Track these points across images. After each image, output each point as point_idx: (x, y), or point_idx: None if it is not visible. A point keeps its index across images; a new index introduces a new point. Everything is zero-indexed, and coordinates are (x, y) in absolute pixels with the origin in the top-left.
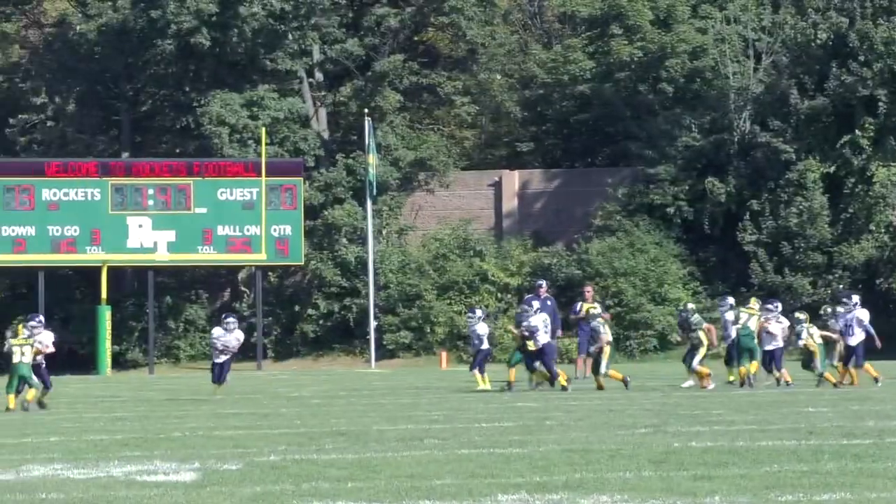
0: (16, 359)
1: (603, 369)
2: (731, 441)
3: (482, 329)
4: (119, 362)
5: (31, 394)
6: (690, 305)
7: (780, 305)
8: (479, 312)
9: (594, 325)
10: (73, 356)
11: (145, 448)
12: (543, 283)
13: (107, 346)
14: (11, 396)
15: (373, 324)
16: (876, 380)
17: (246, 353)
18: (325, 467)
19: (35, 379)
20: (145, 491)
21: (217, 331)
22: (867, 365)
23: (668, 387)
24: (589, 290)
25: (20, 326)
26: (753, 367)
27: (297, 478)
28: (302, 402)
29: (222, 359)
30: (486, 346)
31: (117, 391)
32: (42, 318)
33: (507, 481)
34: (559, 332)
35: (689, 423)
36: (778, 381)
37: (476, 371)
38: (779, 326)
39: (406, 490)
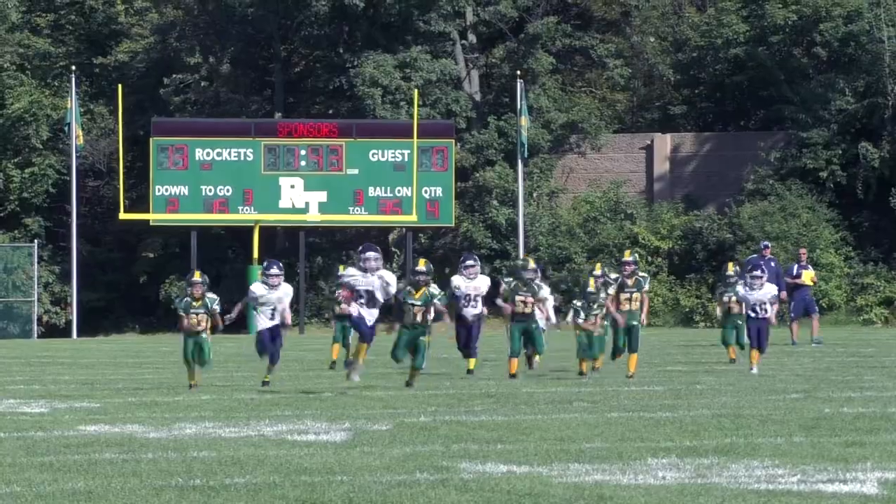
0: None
1: None
2: (883, 407)
3: None
4: None
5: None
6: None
7: None
8: None
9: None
10: (223, 315)
11: (296, 408)
12: (769, 243)
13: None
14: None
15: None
16: None
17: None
18: (474, 429)
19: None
20: (296, 450)
21: (258, 288)
22: None
23: (820, 352)
24: (804, 253)
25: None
26: None
27: (447, 439)
28: (451, 363)
29: (270, 323)
30: None
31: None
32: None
33: (656, 445)
34: (783, 295)
35: (840, 389)
36: None
37: None
38: None
39: (555, 453)
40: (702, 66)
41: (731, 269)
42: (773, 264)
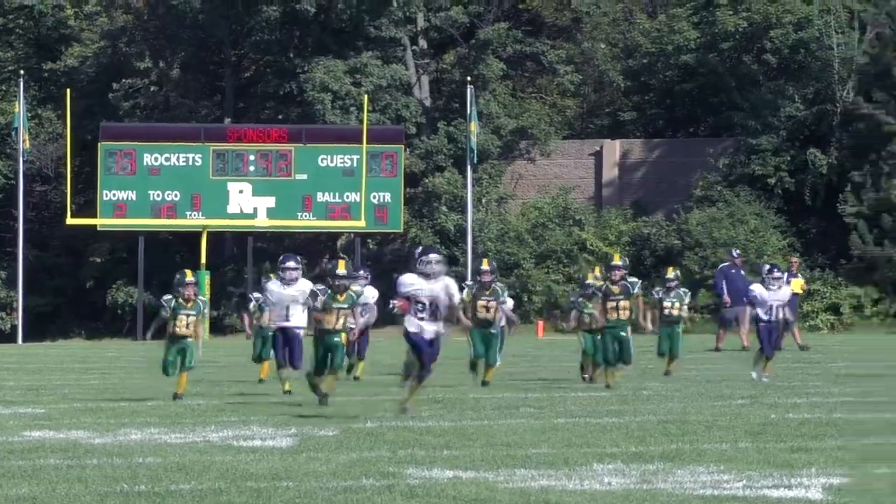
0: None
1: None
2: (828, 413)
3: None
4: (217, 327)
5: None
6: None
7: None
8: None
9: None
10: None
11: (242, 413)
12: (738, 251)
13: (206, 312)
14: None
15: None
16: None
17: None
18: (421, 435)
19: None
20: (242, 456)
21: (273, 285)
22: None
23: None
24: (795, 262)
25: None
26: None
27: (394, 444)
28: (398, 368)
29: (285, 324)
30: None
31: (214, 356)
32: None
33: (602, 451)
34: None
35: (786, 395)
36: None
37: None
38: None
39: (502, 458)
40: (652, 73)
41: (672, 272)
42: (742, 273)
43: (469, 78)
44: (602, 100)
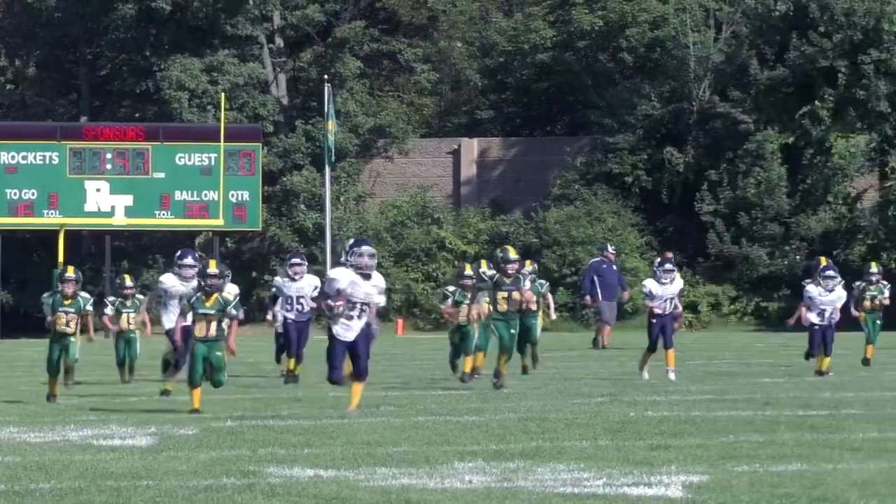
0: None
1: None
2: (687, 411)
3: None
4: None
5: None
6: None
7: None
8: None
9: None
10: (29, 319)
11: (102, 412)
12: (611, 246)
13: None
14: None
15: None
16: None
17: None
18: (281, 433)
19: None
20: (101, 455)
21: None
22: None
23: (626, 356)
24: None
25: None
26: None
27: (254, 443)
28: (258, 367)
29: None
30: None
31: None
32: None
33: (463, 449)
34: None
35: (645, 393)
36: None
37: None
38: None
39: (362, 457)
40: (509, 72)
41: (529, 266)
42: (614, 268)
43: (326, 76)
44: (459, 98)
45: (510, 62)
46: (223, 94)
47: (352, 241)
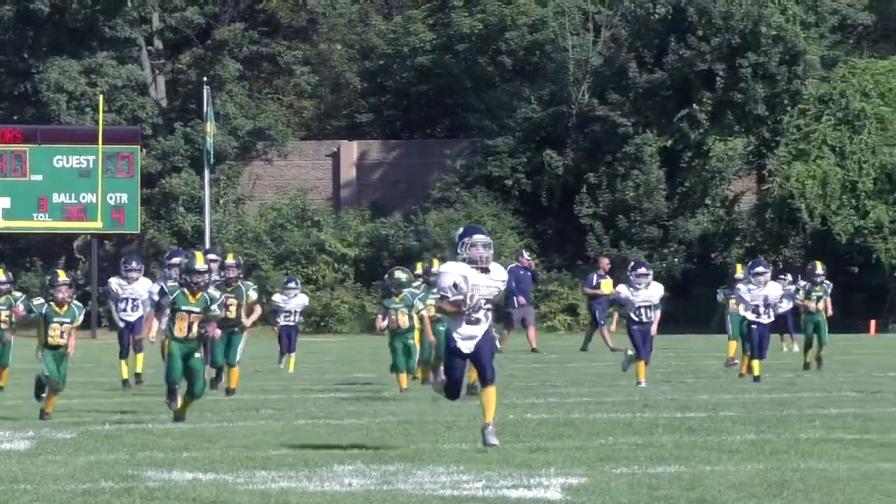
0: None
1: None
2: (566, 413)
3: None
4: None
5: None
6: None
7: None
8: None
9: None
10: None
11: None
12: (525, 251)
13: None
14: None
15: None
16: None
17: (82, 322)
18: (160, 437)
19: None
20: None
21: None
22: None
23: (506, 359)
24: (605, 263)
25: None
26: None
27: (132, 447)
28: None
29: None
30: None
31: None
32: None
33: (342, 452)
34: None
35: (524, 395)
36: None
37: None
38: None
39: (241, 460)
40: (388, 74)
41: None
42: (529, 273)
43: (205, 78)
44: (339, 101)
45: (390, 65)
46: (101, 96)
47: (461, 230)
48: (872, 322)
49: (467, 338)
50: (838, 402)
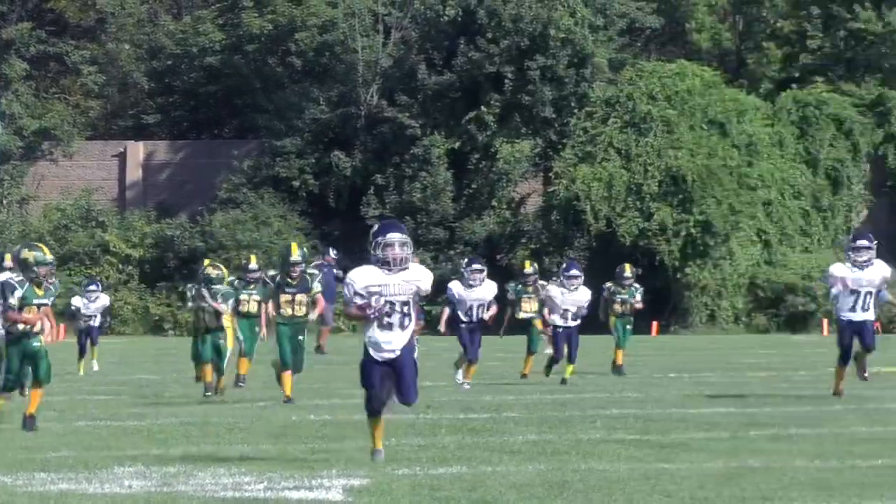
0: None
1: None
2: (348, 415)
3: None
4: None
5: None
6: None
7: None
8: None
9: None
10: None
11: None
12: (332, 250)
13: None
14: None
15: None
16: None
17: None
18: None
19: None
20: None
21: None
22: None
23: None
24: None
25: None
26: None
27: None
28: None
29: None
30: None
31: None
32: None
33: (123, 454)
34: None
35: (309, 397)
36: None
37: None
38: None
39: (20, 462)
40: (177, 75)
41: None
42: (334, 271)
43: None
44: (126, 101)
45: (178, 65)
46: None
47: (375, 227)
48: (654, 323)
49: (381, 344)
50: (619, 402)
